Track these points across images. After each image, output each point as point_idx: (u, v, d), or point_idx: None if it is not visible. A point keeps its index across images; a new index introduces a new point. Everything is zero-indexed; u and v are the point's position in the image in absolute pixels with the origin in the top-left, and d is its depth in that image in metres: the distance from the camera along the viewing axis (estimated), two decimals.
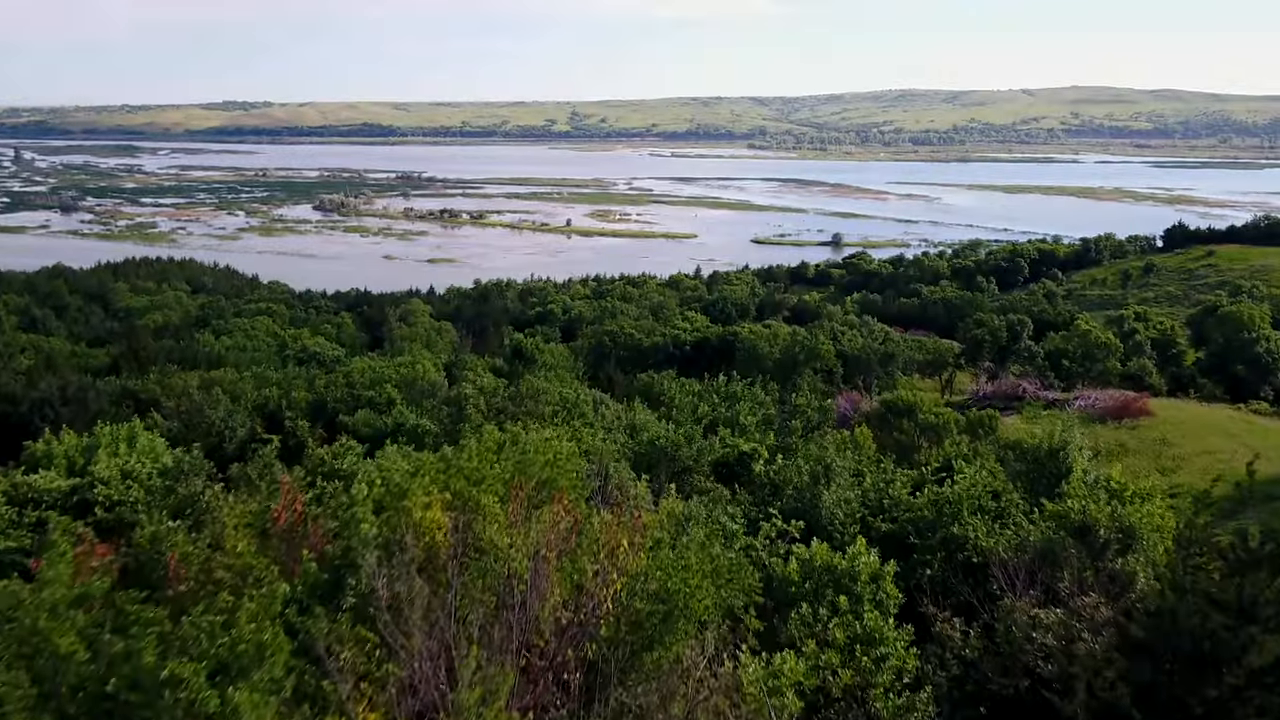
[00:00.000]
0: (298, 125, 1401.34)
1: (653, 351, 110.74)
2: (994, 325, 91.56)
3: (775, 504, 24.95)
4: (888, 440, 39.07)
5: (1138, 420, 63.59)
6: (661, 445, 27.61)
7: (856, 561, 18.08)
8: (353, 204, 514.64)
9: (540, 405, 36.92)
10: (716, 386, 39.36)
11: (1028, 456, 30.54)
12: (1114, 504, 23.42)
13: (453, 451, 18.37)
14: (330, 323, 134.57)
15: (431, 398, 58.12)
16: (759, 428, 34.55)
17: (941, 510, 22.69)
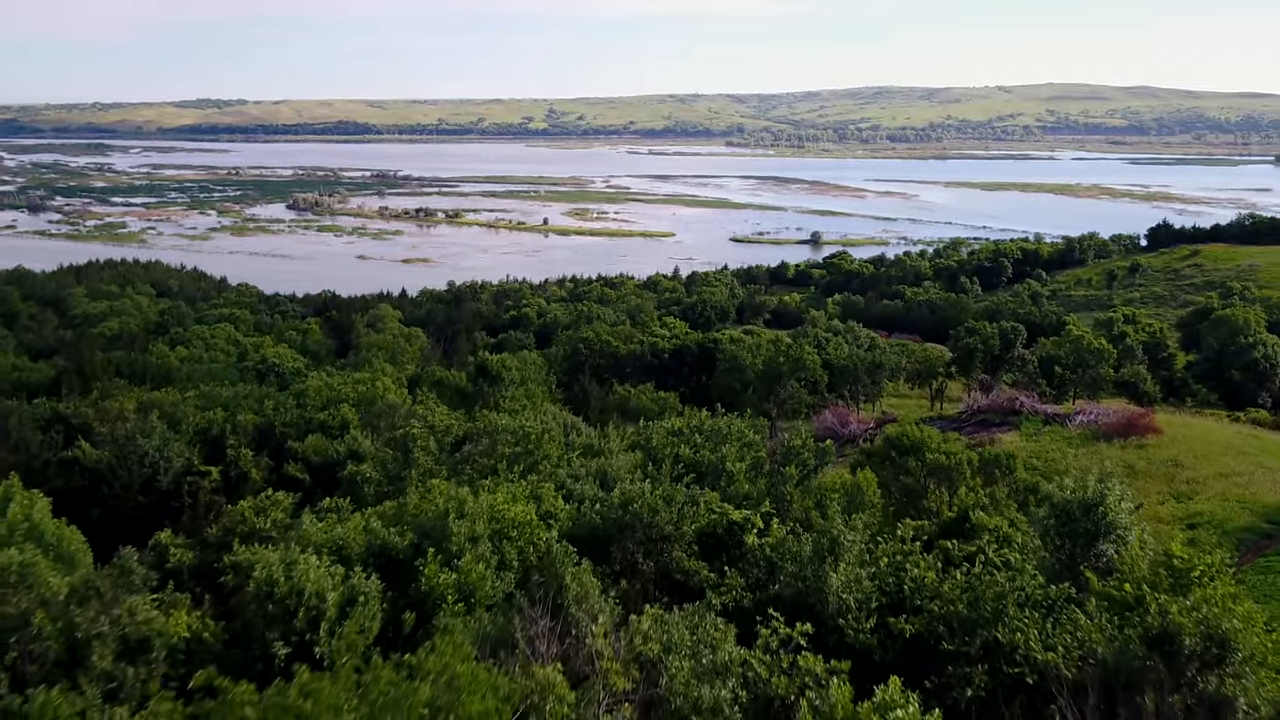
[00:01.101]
0: (272, 123, 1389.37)
1: (630, 359, 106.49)
2: (987, 333, 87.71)
3: (773, 587, 20.89)
4: (892, 481, 35.05)
5: (1145, 438, 59.86)
6: (636, 511, 23.43)
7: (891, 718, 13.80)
8: (327, 203, 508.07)
9: (498, 447, 32.56)
10: (699, 424, 35.11)
11: (1059, 510, 26.35)
12: (1178, 587, 19.30)
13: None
14: (296, 329, 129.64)
15: (389, 418, 53.65)
16: (747, 475, 30.37)
17: (979, 604, 18.54)
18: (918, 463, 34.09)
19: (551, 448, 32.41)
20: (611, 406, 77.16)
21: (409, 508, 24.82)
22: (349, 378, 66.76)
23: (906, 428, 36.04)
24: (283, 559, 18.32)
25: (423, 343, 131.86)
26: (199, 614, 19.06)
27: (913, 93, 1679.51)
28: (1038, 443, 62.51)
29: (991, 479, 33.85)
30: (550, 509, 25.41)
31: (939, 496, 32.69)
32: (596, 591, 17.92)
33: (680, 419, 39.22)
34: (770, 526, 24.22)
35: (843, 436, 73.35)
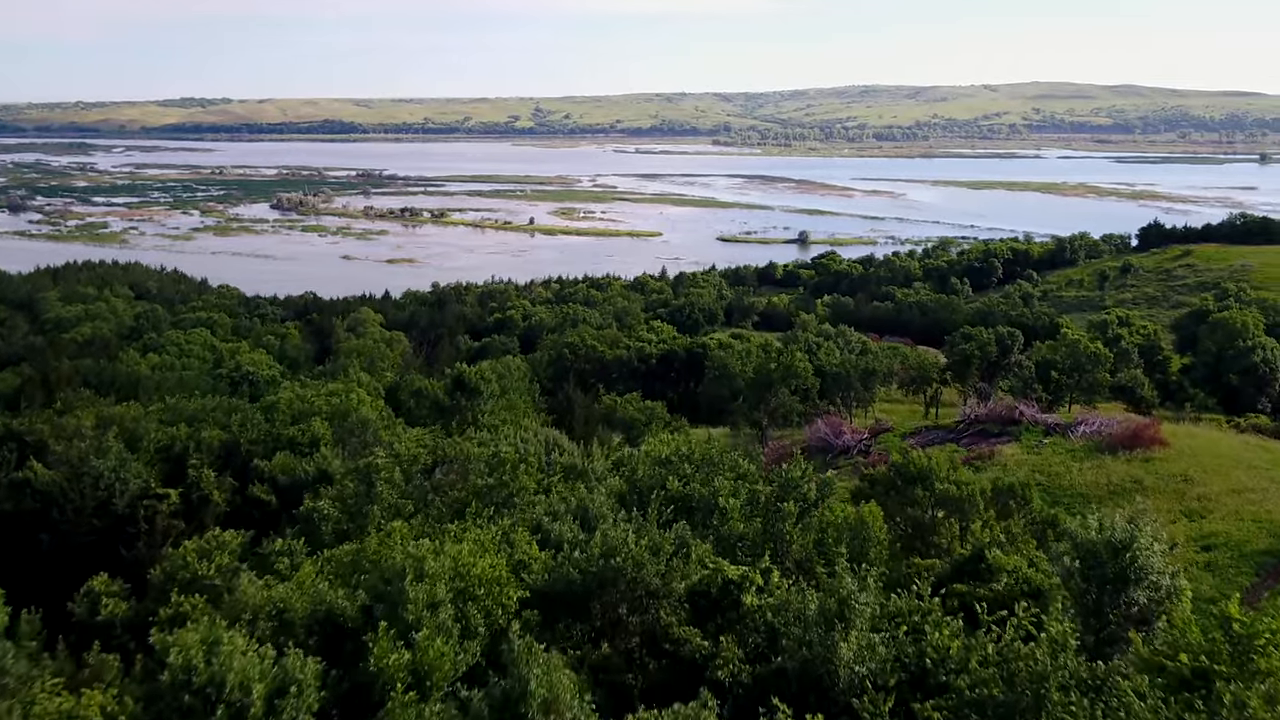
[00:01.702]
0: (257, 122, 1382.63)
1: (616, 365, 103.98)
2: (983, 339, 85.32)
3: (775, 658, 18.39)
4: (897, 511, 32.58)
5: (1151, 451, 57.52)
6: (619, 565, 20.86)
7: None
8: (311, 202, 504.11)
9: (469, 478, 29.93)
10: (688, 451, 32.52)
11: (1083, 551, 23.91)
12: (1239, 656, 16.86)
13: None
14: (275, 333, 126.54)
15: (361, 435, 51.01)
16: (742, 512, 27.83)
17: (1014, 683, 16.03)
18: (925, 493, 31.66)
19: (528, 479, 29.82)
20: (597, 416, 74.64)
21: (367, 552, 22.24)
22: (322, 389, 64.03)
23: (912, 454, 33.58)
24: (204, 639, 15.73)
25: (404, 347, 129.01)
26: (114, 692, 16.48)
27: (899, 91, 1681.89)
28: (1039, 456, 60.19)
29: (1006, 511, 31.46)
30: (524, 557, 22.86)
31: (949, 530, 30.22)
32: (570, 694, 15.32)
33: (668, 442, 36.64)
34: (770, 581, 21.65)
35: (836, 447, 71.01)
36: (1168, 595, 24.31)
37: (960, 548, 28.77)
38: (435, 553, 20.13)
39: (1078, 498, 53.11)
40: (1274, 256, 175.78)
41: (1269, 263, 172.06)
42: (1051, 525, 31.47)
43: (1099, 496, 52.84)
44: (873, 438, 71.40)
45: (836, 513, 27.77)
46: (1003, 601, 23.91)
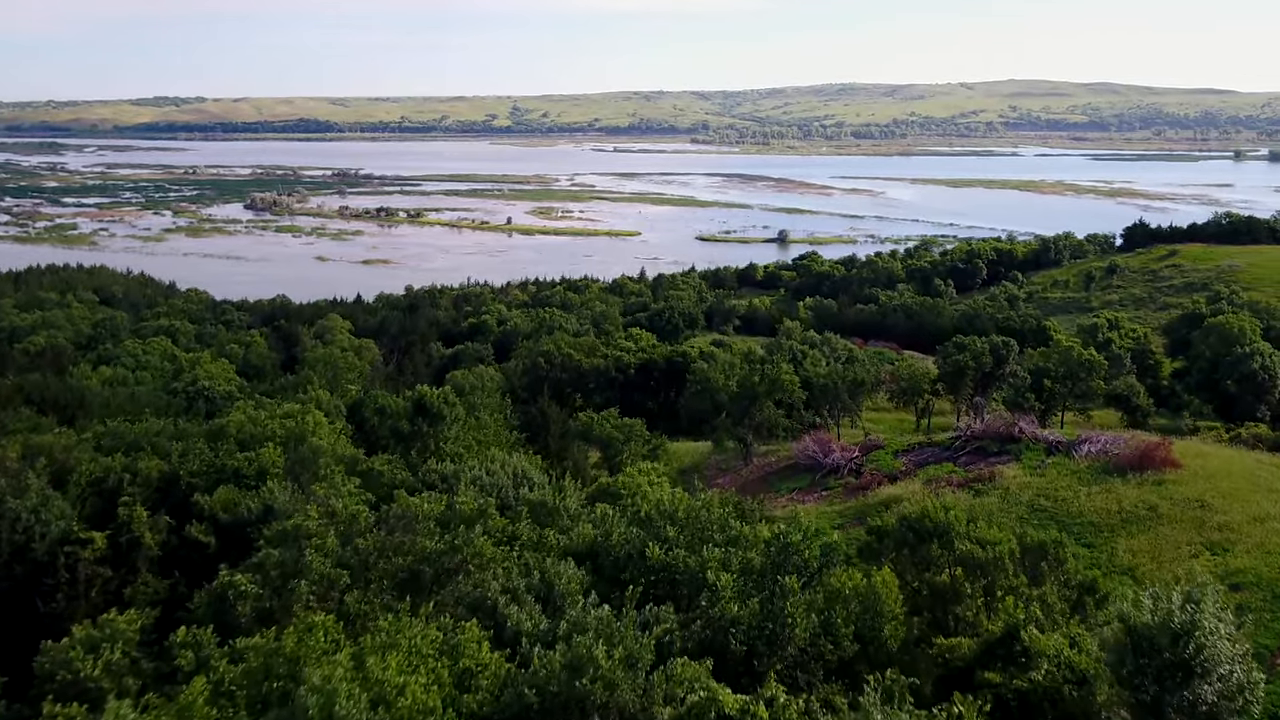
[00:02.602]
0: (232, 121, 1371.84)
1: (593, 374, 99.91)
2: (977, 349, 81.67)
3: None
4: (911, 573, 28.70)
5: (1162, 473, 53.96)
6: (586, 688, 16.91)
7: None
8: (286, 202, 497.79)
9: (417, 541, 25.87)
10: (671, 509, 28.50)
11: (1138, 637, 20.11)
12: None
13: None
14: (239, 341, 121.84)
15: (312, 466, 46.80)
16: (735, 587, 23.84)
17: None
18: (944, 551, 27.81)
19: (484, 543, 25.78)
20: (573, 433, 70.67)
21: (284, 650, 18.26)
22: (277, 410, 59.72)
23: (928, 504, 29.72)
24: None
25: (374, 355, 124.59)
26: None
27: (877, 89, 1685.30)
28: (1043, 477, 56.54)
29: (1038, 574, 27.70)
30: (472, 663, 18.83)
31: (974, 600, 26.35)
32: None
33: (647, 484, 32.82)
34: (777, 706, 17.67)
35: (825, 466, 67.22)
36: (1240, 690, 20.42)
37: (988, 621, 25.02)
38: (354, 677, 16.11)
39: (1088, 526, 49.53)
40: (1260, 256, 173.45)
41: (1256, 263, 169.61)
42: (1090, 591, 27.77)
43: (1111, 525, 49.25)
44: (863, 455, 67.72)
45: (843, 581, 23.99)
46: (1044, 694, 19.98)
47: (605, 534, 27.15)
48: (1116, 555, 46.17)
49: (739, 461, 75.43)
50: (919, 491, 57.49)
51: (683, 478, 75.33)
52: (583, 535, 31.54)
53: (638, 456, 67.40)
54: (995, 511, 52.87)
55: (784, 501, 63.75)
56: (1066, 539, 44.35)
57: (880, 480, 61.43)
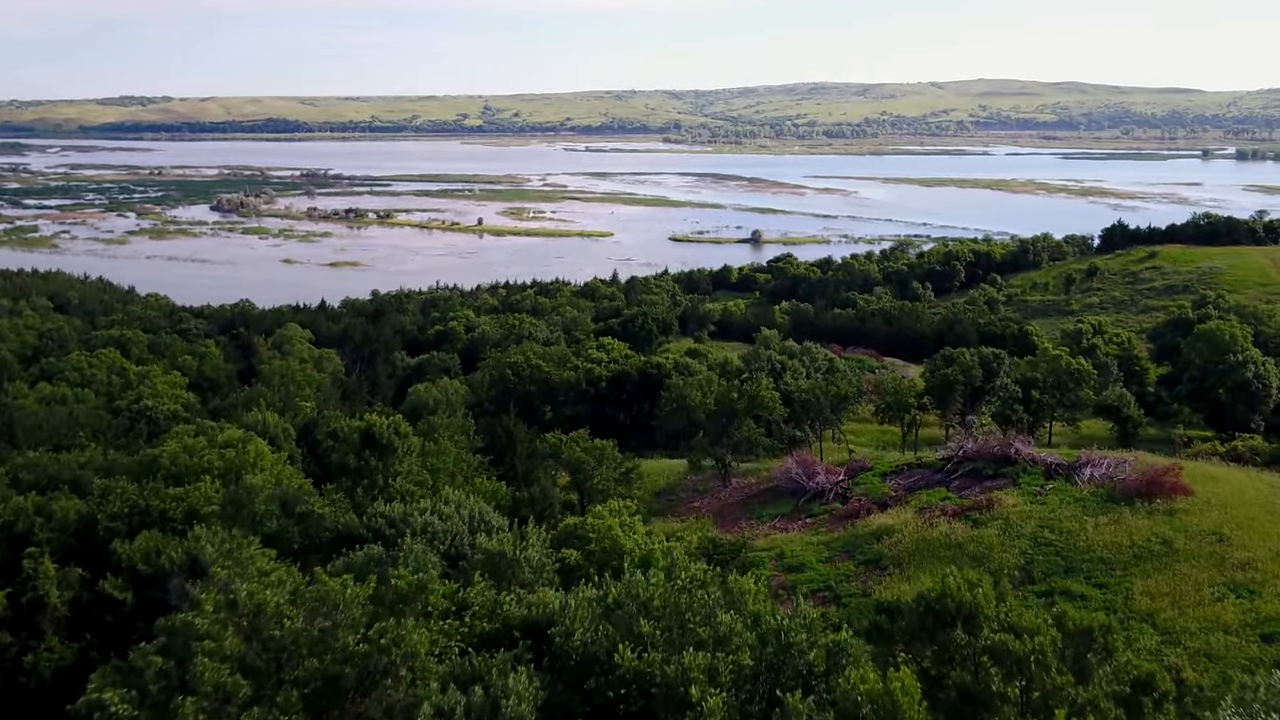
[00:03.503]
0: (199, 121, 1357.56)
1: (564, 387, 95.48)
2: (966, 362, 77.66)
3: None
4: (933, 665, 24.53)
5: (1173, 501, 50.13)
6: None
7: None
8: (253, 204, 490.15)
9: (339, 636, 21.49)
10: (648, 597, 24.32)
11: None
12: None
13: None
14: (193, 352, 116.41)
15: (249, 507, 42.24)
16: (724, 707, 19.54)
17: None
18: (971, 639, 23.70)
19: (420, 639, 21.45)
20: (541, 455, 66.27)
21: None
22: (219, 435, 55.06)
23: (949, 581, 25.58)
24: None
25: (336, 366, 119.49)
26: None
27: (848, 89, 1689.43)
28: (1044, 505, 52.64)
29: (1083, 667, 23.58)
30: None
31: (1011, 708, 22.16)
32: None
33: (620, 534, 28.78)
34: None
35: (809, 490, 63.09)
36: None
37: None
38: None
39: (1098, 564, 45.69)
40: (1241, 258, 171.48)
41: (1236, 265, 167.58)
42: (1147, 689, 23.67)
43: (1123, 562, 45.45)
44: (849, 479, 63.72)
45: (855, 685, 19.87)
46: None
47: (565, 632, 22.92)
48: (1133, 598, 42.36)
49: (717, 483, 71.30)
50: (911, 521, 53.58)
51: (659, 501, 71.21)
52: (543, 603, 27.31)
53: (610, 481, 63.16)
54: (996, 546, 48.98)
55: (766, 530, 59.69)
56: (1105, 616, 40.62)
57: (869, 507, 57.44)
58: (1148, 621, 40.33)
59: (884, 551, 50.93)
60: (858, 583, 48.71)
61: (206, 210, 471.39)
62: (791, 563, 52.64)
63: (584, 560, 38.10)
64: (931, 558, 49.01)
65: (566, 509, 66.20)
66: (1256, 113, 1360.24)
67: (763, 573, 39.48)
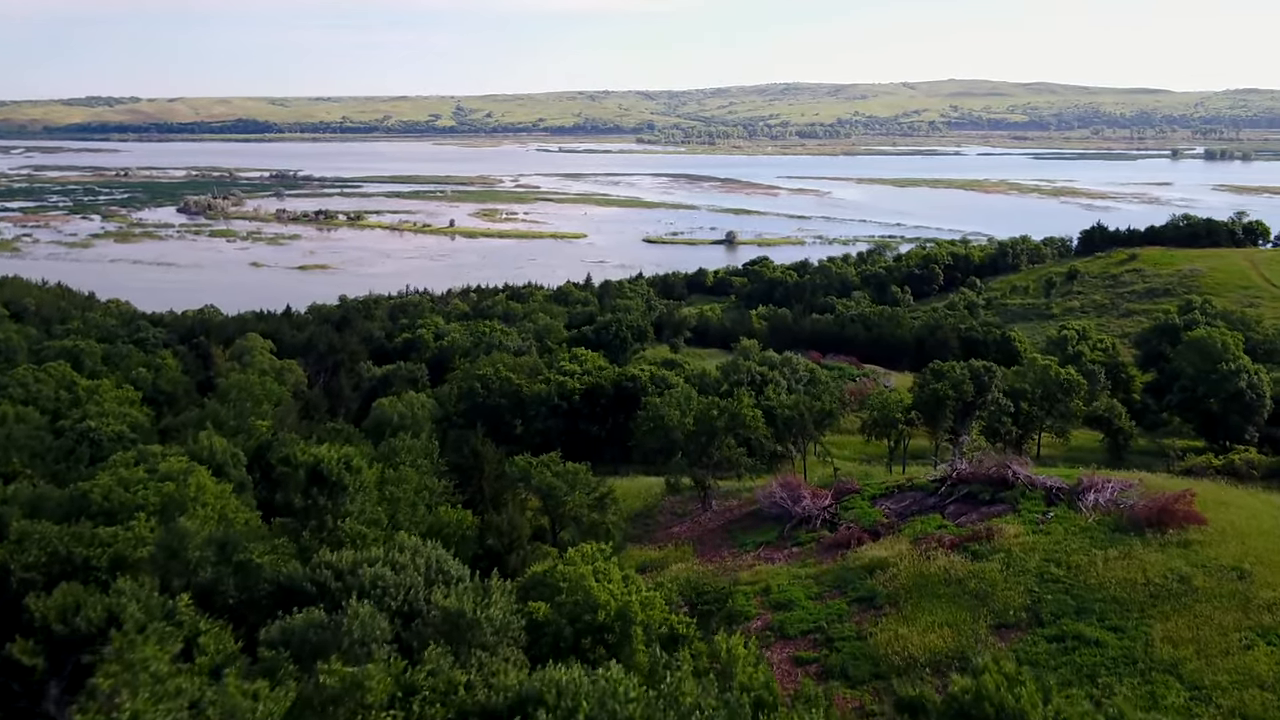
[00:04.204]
0: (167, 121, 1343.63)
1: (535, 401, 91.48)
2: (957, 376, 74.17)
3: None
4: None
5: (1186, 530, 46.80)
6: None
7: None
8: (221, 206, 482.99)
9: None
10: (615, 709, 20.62)
11: None
12: None
13: None
14: (149, 364, 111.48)
15: (182, 554, 38.18)
16: None
17: None
18: None
19: None
20: (511, 479, 62.34)
21: None
22: (160, 462, 50.85)
23: (986, 682, 22.09)
24: None
25: (298, 378, 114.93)
26: None
27: (820, 89, 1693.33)
28: (1048, 535, 49.16)
29: None
30: None
31: None
32: None
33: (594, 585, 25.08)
34: None
35: (794, 515, 59.43)
36: None
37: None
38: None
39: (1111, 604, 42.23)
40: (1222, 261, 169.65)
41: (1218, 268, 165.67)
42: None
43: (1139, 602, 42.01)
44: (836, 502, 60.14)
45: None
46: None
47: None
48: (1153, 645, 38.90)
49: (697, 505, 67.55)
50: (906, 553, 49.97)
51: (635, 525, 67.38)
52: (505, 686, 23.56)
53: (583, 507, 59.32)
54: (999, 582, 45.44)
55: (750, 560, 55.95)
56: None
57: (859, 535, 53.85)
58: (1172, 673, 36.91)
59: (878, 588, 47.30)
60: (851, 623, 45.05)
61: (173, 212, 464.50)
62: (779, 599, 48.96)
63: (554, 614, 34.28)
64: (930, 595, 45.46)
65: (537, 536, 62.37)
66: (1223, 113, 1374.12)
67: (752, 638, 35.70)
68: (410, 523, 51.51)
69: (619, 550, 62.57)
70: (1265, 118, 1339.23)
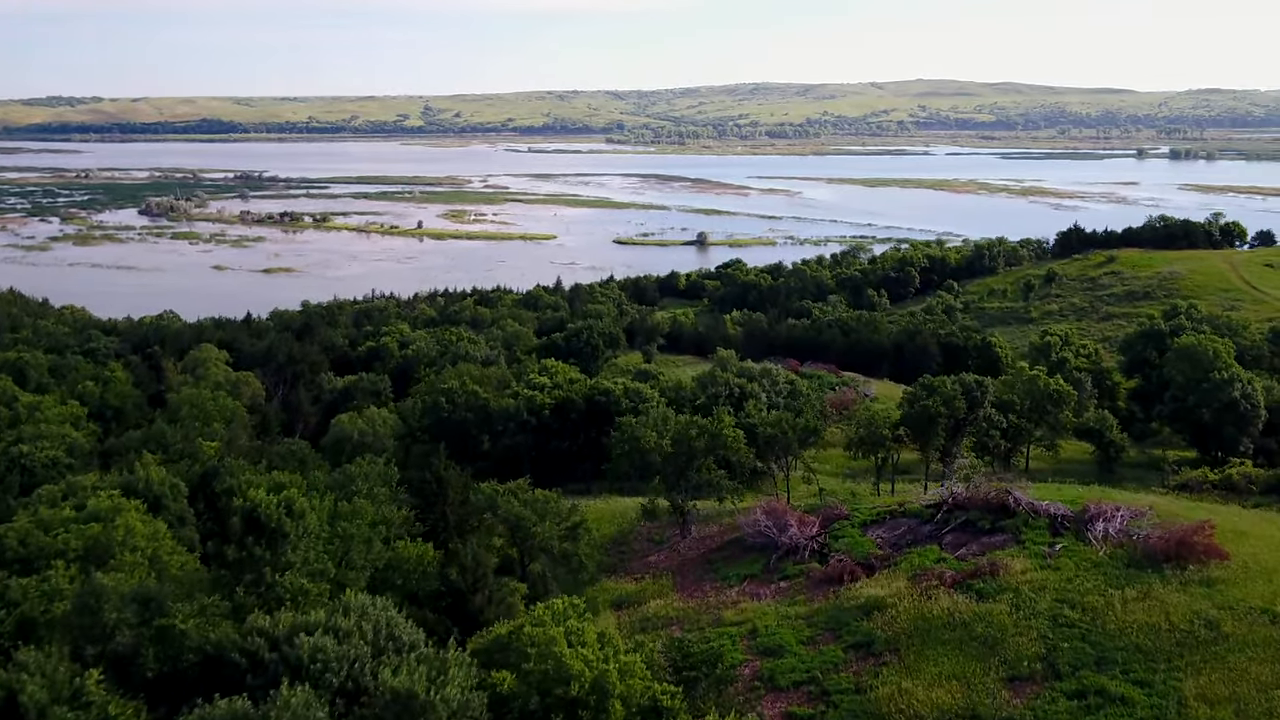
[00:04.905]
0: (130, 121, 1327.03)
1: (503, 416, 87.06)
2: (948, 392, 70.25)
3: None
4: None
5: (1207, 566, 43.15)
6: None
7: None
8: (184, 207, 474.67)
9: None
10: None
11: None
12: None
13: None
14: (97, 377, 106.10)
15: (98, 615, 33.68)
16: None
17: None
18: None
19: None
20: (475, 509, 57.94)
21: None
22: (88, 496, 46.20)
23: None
24: None
25: (255, 390, 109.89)
26: None
27: (789, 89, 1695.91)
28: (1057, 571, 45.36)
29: None
30: None
31: None
32: None
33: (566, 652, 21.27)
34: None
35: (781, 545, 55.37)
36: None
37: None
38: None
39: (1135, 653, 38.45)
40: (1201, 263, 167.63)
41: (1197, 270, 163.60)
42: None
43: (1165, 652, 38.28)
44: (825, 530, 56.20)
45: None
46: None
47: None
48: (1187, 705, 35.18)
49: (675, 531, 63.47)
50: (905, 592, 46.02)
51: (610, 553, 63.16)
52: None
53: (553, 539, 55.02)
54: (1009, 627, 41.55)
55: (734, 595, 51.81)
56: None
57: (852, 569, 49.88)
58: None
59: (876, 631, 43.26)
60: (848, 673, 40.97)
61: (135, 214, 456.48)
62: (767, 642, 44.83)
63: (521, 685, 30.07)
64: (934, 641, 41.50)
65: (505, 568, 57.96)
66: (1186, 113, 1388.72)
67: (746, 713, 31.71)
68: (365, 561, 47.13)
69: (593, 582, 58.44)
70: (1227, 117, 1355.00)
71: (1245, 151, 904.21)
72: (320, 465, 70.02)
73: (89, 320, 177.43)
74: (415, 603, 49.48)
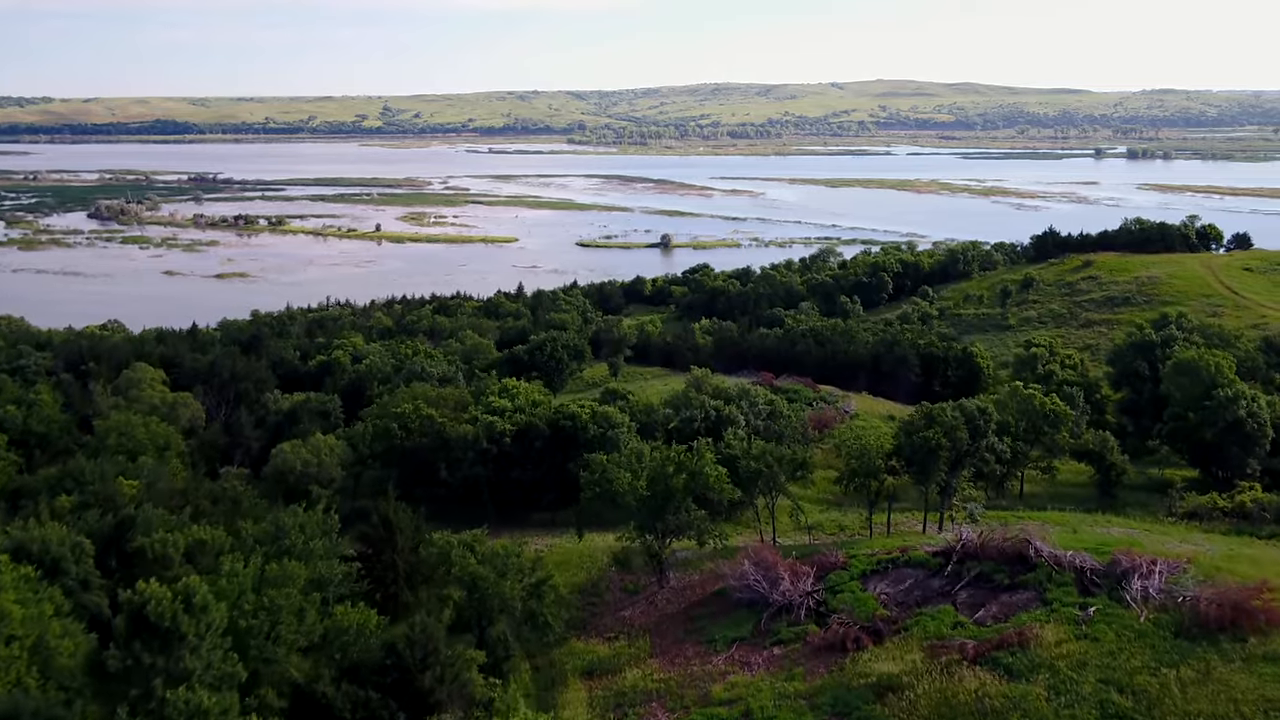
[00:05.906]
0: (82, 122, 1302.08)
1: (461, 445, 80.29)
2: (950, 422, 64.26)
3: None
4: None
5: (1271, 637, 37.37)
6: None
7: None
8: (135, 210, 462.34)
9: None
10: None
11: None
12: None
13: None
14: (20, 400, 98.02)
15: None
16: None
17: None
18: None
19: None
20: (428, 562, 51.38)
21: None
22: None
23: None
24: None
25: (194, 412, 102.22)
26: None
27: (750, 89, 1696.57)
28: (1097, 643, 39.50)
29: None
30: None
31: None
32: None
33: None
34: None
35: (773, 603, 49.13)
36: None
37: None
38: None
39: None
40: (1179, 267, 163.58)
41: (1175, 274, 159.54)
42: None
43: None
44: (820, 581, 50.10)
45: None
46: None
47: None
48: None
49: (651, 579, 57.19)
50: (920, 666, 39.97)
51: (579, 605, 56.70)
52: None
53: (515, 597, 48.53)
54: (1050, 717, 35.56)
55: (722, 664, 45.54)
56: None
57: (857, 635, 43.83)
58: None
59: None
60: None
61: (84, 218, 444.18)
62: None
63: None
64: None
65: (462, 626, 51.29)
66: (1141, 113, 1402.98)
67: None
68: (295, 635, 40.34)
69: (559, 644, 51.93)
70: (1181, 117, 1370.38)
71: (1200, 151, 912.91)
72: (255, 505, 63.00)
73: (25, 332, 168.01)
74: (355, 679, 42.90)
